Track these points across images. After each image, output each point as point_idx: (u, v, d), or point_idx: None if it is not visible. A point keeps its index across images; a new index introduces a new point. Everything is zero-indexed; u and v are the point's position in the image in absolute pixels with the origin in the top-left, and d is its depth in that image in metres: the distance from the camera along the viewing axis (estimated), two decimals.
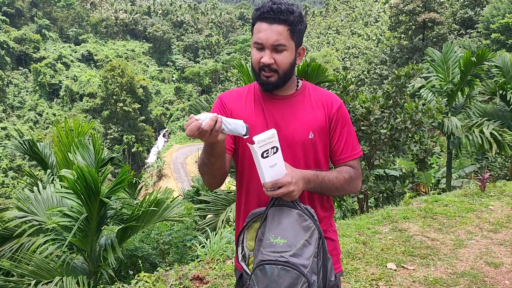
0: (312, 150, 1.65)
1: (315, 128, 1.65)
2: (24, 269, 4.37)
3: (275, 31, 1.54)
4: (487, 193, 6.39)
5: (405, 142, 8.03)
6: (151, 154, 66.03)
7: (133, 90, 67.61)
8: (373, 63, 50.51)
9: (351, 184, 1.66)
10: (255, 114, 1.67)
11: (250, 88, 1.77)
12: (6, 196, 46.44)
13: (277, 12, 1.52)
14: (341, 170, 1.65)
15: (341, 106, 1.72)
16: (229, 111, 1.70)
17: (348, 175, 1.65)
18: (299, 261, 1.39)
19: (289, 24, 1.55)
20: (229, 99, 1.74)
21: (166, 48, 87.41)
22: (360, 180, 1.72)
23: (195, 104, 7.12)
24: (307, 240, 1.43)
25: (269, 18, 1.54)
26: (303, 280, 1.37)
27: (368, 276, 3.66)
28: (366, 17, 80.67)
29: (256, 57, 1.59)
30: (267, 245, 1.42)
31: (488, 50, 9.74)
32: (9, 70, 64.87)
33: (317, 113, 1.67)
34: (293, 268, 1.37)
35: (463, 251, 4.21)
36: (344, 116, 1.71)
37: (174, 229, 6.24)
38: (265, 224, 1.49)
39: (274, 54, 1.56)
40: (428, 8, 40.15)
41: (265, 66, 1.57)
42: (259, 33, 1.56)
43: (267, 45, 1.55)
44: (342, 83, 7.93)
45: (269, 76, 1.59)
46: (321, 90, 1.77)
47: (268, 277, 1.38)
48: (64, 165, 6.24)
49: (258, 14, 1.57)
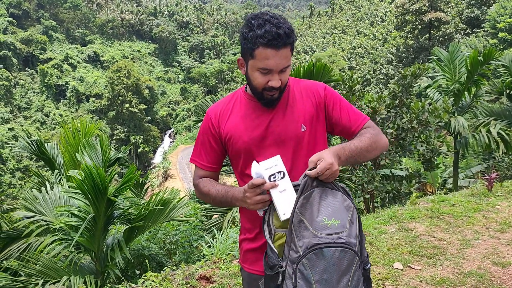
0: (307, 142, 1.68)
1: (306, 120, 1.68)
2: (32, 269, 4.41)
3: (283, 56, 1.54)
4: (494, 193, 6.35)
5: (412, 142, 8.01)
6: (157, 155, 66.22)
7: (139, 91, 67.86)
8: (379, 63, 50.36)
9: (377, 140, 1.67)
10: (246, 119, 1.70)
11: (236, 97, 1.79)
12: (13, 197, 46.82)
13: (284, 37, 1.51)
14: (361, 133, 1.69)
15: (326, 88, 1.76)
16: (217, 126, 1.75)
17: (369, 134, 1.67)
18: (353, 240, 1.41)
19: (291, 44, 1.56)
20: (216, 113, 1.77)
21: (172, 48, 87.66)
22: (382, 134, 1.73)
23: (201, 104, 7.14)
24: (351, 219, 1.44)
25: (276, 45, 1.51)
26: (357, 259, 1.40)
27: (375, 276, 3.65)
28: (372, 16, 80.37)
29: (261, 80, 1.59)
30: (321, 227, 1.39)
31: (495, 49, 9.67)
32: (16, 71, 65.34)
33: (305, 105, 1.71)
34: (350, 248, 1.39)
35: (470, 251, 4.19)
36: (333, 95, 1.75)
37: (180, 229, 6.26)
38: (309, 204, 1.44)
39: (280, 75, 1.58)
40: (435, 8, 39.92)
41: (273, 88, 1.59)
42: (267, 60, 1.54)
43: (276, 71, 1.56)
44: (348, 83, 7.92)
45: (273, 94, 1.62)
46: (303, 81, 1.80)
47: (327, 260, 1.36)
48: (71, 166, 6.29)
49: (264, 42, 1.51)
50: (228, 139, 1.72)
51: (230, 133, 1.71)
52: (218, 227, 6.60)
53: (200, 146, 1.80)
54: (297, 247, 1.40)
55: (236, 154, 1.73)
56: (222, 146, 1.77)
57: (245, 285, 1.88)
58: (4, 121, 58.78)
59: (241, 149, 1.70)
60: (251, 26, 1.55)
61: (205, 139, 1.79)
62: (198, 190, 1.79)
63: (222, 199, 1.65)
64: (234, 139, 1.70)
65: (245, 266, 1.81)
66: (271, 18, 1.54)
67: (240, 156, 1.72)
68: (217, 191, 1.67)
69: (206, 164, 1.79)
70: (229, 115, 1.75)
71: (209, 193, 1.70)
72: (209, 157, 1.78)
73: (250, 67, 1.61)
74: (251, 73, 1.62)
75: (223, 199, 1.64)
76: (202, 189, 1.74)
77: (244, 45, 1.59)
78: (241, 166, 1.74)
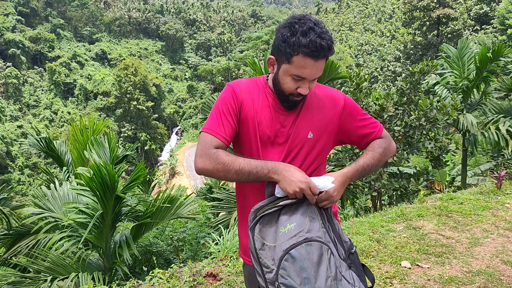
0: (310, 149, 1.69)
1: (315, 127, 1.69)
2: (40, 265, 4.45)
3: (320, 67, 1.56)
4: (503, 191, 6.29)
5: (420, 140, 7.96)
6: (164, 152, 66.45)
7: (146, 88, 68.11)
8: (387, 60, 50.05)
9: (387, 153, 1.76)
10: (263, 112, 1.69)
11: (259, 84, 1.76)
12: (22, 194, 47.27)
13: (326, 50, 1.51)
14: (374, 147, 1.74)
15: (345, 98, 1.77)
16: (240, 101, 1.69)
17: (381, 149, 1.74)
18: (314, 234, 1.44)
19: (328, 56, 1.57)
20: (240, 89, 1.72)
21: (179, 46, 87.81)
22: (392, 141, 1.81)
23: (207, 101, 7.15)
24: (310, 216, 1.49)
25: (317, 56, 1.51)
26: (325, 247, 1.43)
27: (382, 274, 3.64)
28: (379, 13, 79.88)
29: (291, 85, 1.59)
30: (280, 237, 1.45)
31: (504, 46, 9.57)
32: (25, 69, 65.86)
33: (319, 112, 1.71)
34: (314, 240, 1.43)
35: (478, 249, 4.16)
36: (352, 105, 1.77)
37: (188, 226, 6.29)
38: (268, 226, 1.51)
39: (310, 83, 1.60)
40: (443, 4, 39.61)
41: (300, 95, 1.61)
42: (304, 69, 1.53)
43: (309, 80, 1.58)
44: (355, 80, 7.88)
45: (298, 99, 1.64)
46: (323, 88, 1.79)
47: (299, 260, 1.40)
48: (80, 163, 6.34)
49: (307, 51, 1.49)
50: (244, 118, 1.68)
51: (249, 114, 1.68)
52: (225, 224, 6.61)
53: (220, 116, 1.65)
54: (269, 267, 1.44)
55: (246, 137, 1.70)
56: (238, 122, 1.69)
57: (247, 283, 1.90)
58: (13, 118, 59.32)
59: (252, 136, 1.68)
60: (294, 31, 1.51)
61: (225, 110, 1.67)
62: (216, 159, 1.56)
63: (253, 170, 1.52)
64: (251, 123, 1.67)
65: (246, 258, 1.84)
66: (315, 26, 1.51)
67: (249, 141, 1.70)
68: (247, 161, 1.54)
69: (223, 135, 1.62)
70: (251, 98, 1.71)
71: (234, 162, 1.54)
72: (227, 129, 1.64)
73: (283, 71, 1.58)
74: (283, 77, 1.60)
75: (256, 169, 1.52)
76: (223, 158, 1.55)
77: (281, 48, 1.55)
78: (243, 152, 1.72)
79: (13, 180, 50.76)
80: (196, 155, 1.61)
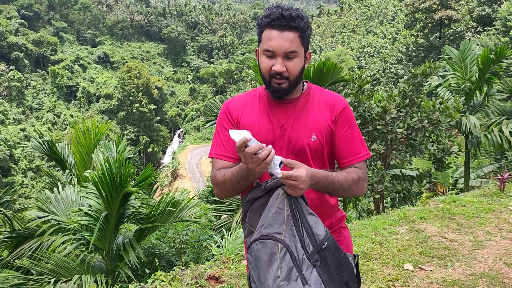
0: (315, 153, 1.66)
1: (319, 130, 1.65)
2: (44, 268, 4.46)
3: (287, 38, 1.53)
4: (506, 193, 6.27)
5: (422, 142, 7.95)
6: (167, 155, 66.53)
7: (149, 91, 68.28)
8: (389, 62, 50.01)
9: (358, 185, 1.65)
10: (261, 119, 1.69)
11: (254, 94, 1.77)
12: (25, 196, 47.37)
13: (288, 19, 1.52)
14: (350, 171, 1.65)
15: (345, 108, 1.71)
16: (235, 118, 1.72)
17: (356, 175, 1.64)
18: (272, 230, 1.42)
19: (300, 31, 1.55)
20: (235, 107, 1.75)
21: (181, 49, 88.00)
22: (366, 181, 1.71)
23: (209, 104, 7.17)
24: (278, 207, 1.45)
25: (279, 25, 1.53)
26: (279, 246, 1.39)
27: (385, 277, 3.63)
28: (381, 15, 79.88)
29: (266, 64, 1.58)
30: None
31: (506, 47, 9.55)
32: (28, 72, 66.12)
33: (322, 115, 1.68)
34: (268, 238, 1.41)
35: (481, 252, 4.15)
36: (347, 117, 1.70)
37: (190, 228, 6.29)
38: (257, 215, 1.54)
39: (286, 62, 1.56)
40: (445, 6, 39.56)
41: (277, 74, 1.57)
42: (270, 40, 1.55)
43: (279, 53, 1.55)
44: (357, 82, 7.87)
45: (281, 83, 1.59)
46: (326, 92, 1.76)
47: (254, 256, 1.42)
48: (82, 165, 6.36)
49: (268, 21, 1.54)
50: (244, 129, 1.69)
51: (248, 125, 1.69)
52: (227, 227, 6.61)
53: (219, 136, 1.72)
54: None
55: None
56: None
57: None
58: (16, 121, 59.53)
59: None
60: (264, 13, 1.59)
61: (222, 128, 1.73)
62: (216, 182, 1.65)
63: (239, 176, 1.55)
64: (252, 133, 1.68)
65: None
66: (283, 6, 1.56)
67: None
68: (232, 171, 1.58)
69: (226, 154, 1.69)
70: (248, 109, 1.73)
71: (225, 178, 1.60)
72: (228, 146, 1.68)
73: (260, 53, 1.62)
74: (260, 59, 1.62)
75: (240, 175, 1.54)
76: (219, 178, 1.62)
77: (257, 32, 1.63)
78: None
79: (16, 183, 50.88)
80: None
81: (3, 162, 51.51)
